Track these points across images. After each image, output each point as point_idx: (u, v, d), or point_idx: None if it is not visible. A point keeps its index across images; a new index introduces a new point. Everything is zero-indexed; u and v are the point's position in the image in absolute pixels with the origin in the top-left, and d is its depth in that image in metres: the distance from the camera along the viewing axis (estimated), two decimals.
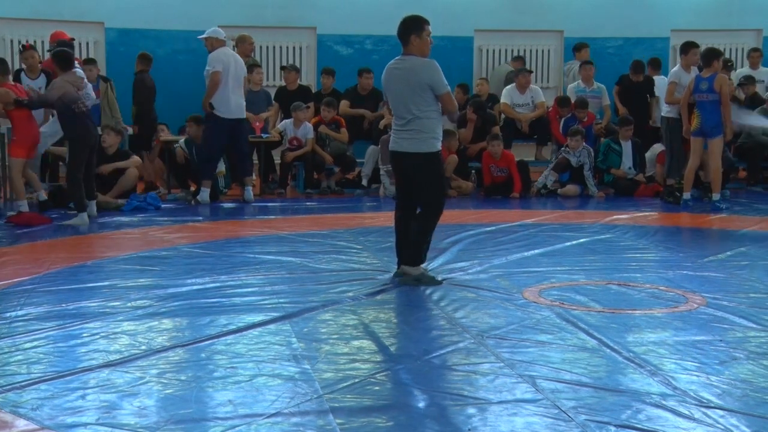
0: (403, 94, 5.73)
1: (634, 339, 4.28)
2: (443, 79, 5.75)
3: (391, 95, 5.89)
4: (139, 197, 9.56)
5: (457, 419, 3.20)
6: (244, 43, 11.21)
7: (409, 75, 5.72)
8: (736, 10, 14.63)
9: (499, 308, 4.96)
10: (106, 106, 10.61)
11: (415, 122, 5.70)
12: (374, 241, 7.35)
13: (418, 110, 5.68)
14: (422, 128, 5.71)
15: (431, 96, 5.70)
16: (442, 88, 5.72)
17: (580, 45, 12.91)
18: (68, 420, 3.18)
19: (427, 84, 5.68)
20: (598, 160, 11.05)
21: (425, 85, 5.68)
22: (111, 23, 13.35)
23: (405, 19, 5.92)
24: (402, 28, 5.87)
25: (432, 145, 5.74)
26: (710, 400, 3.38)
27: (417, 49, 5.80)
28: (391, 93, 5.88)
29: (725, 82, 9.28)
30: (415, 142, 5.71)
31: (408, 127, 5.72)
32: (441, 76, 5.73)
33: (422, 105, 5.69)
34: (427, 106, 5.71)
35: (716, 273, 6.01)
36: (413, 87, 5.69)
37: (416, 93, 5.68)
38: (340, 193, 11.21)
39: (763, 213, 9.24)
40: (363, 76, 12.17)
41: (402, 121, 5.76)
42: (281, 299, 5.13)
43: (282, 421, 3.18)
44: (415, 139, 5.71)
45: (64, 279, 5.70)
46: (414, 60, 5.77)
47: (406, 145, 5.74)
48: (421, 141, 5.71)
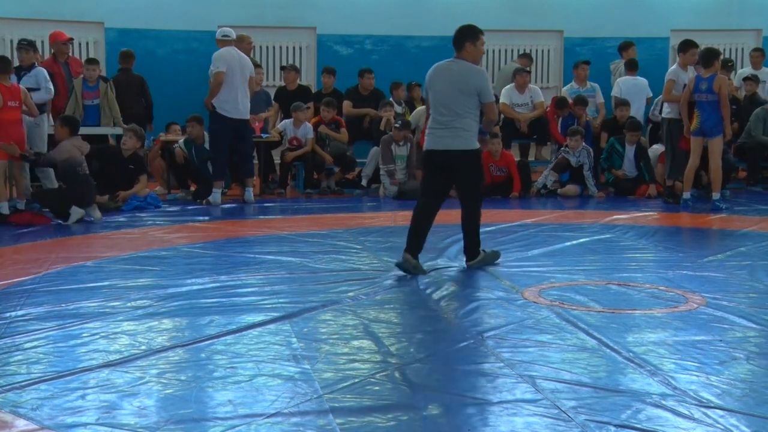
0: (448, 95, 6.05)
1: (634, 339, 4.28)
2: (491, 89, 6.22)
3: (434, 94, 6.15)
4: (139, 197, 9.55)
5: (457, 419, 3.20)
6: (243, 43, 11.19)
7: (459, 78, 6.05)
8: (736, 10, 14.64)
9: (499, 308, 4.96)
10: (106, 106, 10.62)
11: (458, 121, 6.02)
12: (374, 241, 7.35)
13: (461, 109, 6.02)
14: (465, 127, 6.05)
15: (476, 102, 6.05)
16: (489, 97, 6.12)
17: (627, 44, 12.70)
18: (68, 420, 3.18)
19: (476, 90, 6.02)
20: (602, 158, 11.06)
21: (474, 91, 6.02)
22: (111, 23, 13.36)
23: (462, 27, 6.30)
24: (458, 35, 6.22)
25: (474, 143, 6.11)
26: (710, 400, 3.38)
27: (470, 56, 6.17)
28: (435, 91, 6.15)
29: (724, 83, 9.28)
30: (459, 140, 6.04)
31: (451, 126, 6.03)
32: (490, 85, 6.20)
33: (466, 107, 6.03)
34: (470, 109, 6.05)
35: (716, 273, 6.00)
36: (462, 90, 6.02)
37: (463, 95, 6.02)
38: (340, 193, 11.21)
39: (763, 213, 9.24)
40: (364, 76, 12.18)
41: (444, 119, 6.06)
42: (281, 299, 5.13)
43: (282, 421, 3.18)
44: (459, 137, 6.03)
45: (64, 279, 5.70)
46: (466, 65, 6.12)
47: (449, 142, 6.05)
48: (465, 139, 6.05)
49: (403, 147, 10.91)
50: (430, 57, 13.93)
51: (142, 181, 9.67)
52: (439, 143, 6.10)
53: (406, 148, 10.93)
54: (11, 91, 8.53)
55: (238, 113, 9.86)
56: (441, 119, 6.07)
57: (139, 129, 9.92)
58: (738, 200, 10.25)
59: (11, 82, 8.68)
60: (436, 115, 6.12)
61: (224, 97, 9.79)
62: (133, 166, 9.69)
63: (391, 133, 10.95)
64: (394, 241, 7.36)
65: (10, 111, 8.45)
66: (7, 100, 8.40)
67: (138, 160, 9.82)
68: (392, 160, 10.84)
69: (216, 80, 9.80)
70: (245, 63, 10.05)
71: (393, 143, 10.86)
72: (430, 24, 14.02)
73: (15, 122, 8.53)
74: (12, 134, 8.45)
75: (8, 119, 8.43)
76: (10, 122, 8.46)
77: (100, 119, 10.60)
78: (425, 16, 14.06)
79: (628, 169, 10.98)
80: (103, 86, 10.63)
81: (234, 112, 9.83)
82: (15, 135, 8.49)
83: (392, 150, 10.86)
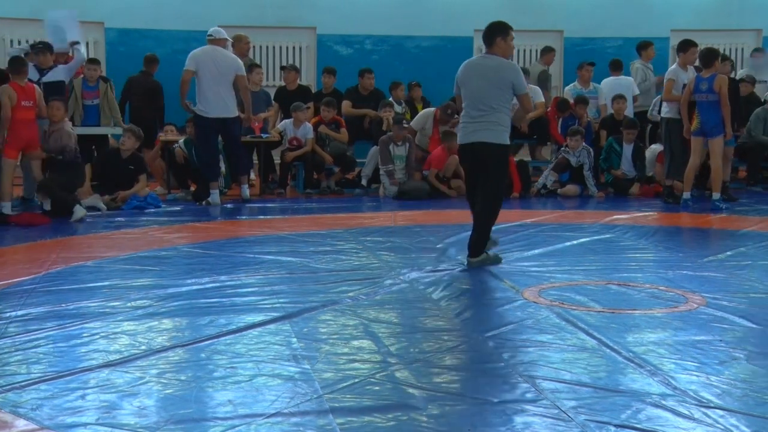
0: (482, 89, 6.26)
1: (634, 339, 4.28)
2: (524, 81, 6.43)
3: (468, 89, 6.35)
4: (139, 197, 9.55)
5: (457, 419, 3.20)
6: (240, 43, 11.16)
7: (492, 72, 6.27)
8: (736, 10, 14.64)
9: (499, 308, 4.96)
10: (106, 106, 10.62)
11: (492, 116, 6.23)
12: (374, 241, 7.35)
13: (495, 104, 6.22)
14: (499, 121, 6.25)
15: (510, 94, 6.29)
16: (523, 89, 6.37)
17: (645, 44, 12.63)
18: (68, 420, 3.18)
19: (511, 83, 6.24)
20: (601, 159, 11.07)
21: (508, 84, 6.24)
22: (111, 23, 13.37)
23: (492, 23, 6.55)
24: (489, 31, 6.48)
25: (506, 138, 6.31)
26: (710, 400, 3.38)
27: (501, 50, 6.39)
28: (468, 87, 6.35)
29: (725, 83, 9.28)
30: (493, 133, 6.23)
31: (486, 119, 6.23)
32: (523, 78, 6.39)
33: (500, 101, 6.24)
34: (504, 103, 6.26)
35: (716, 273, 6.00)
36: (496, 84, 6.24)
37: (498, 89, 6.24)
38: (340, 193, 11.21)
39: (763, 213, 9.24)
40: (364, 76, 12.18)
41: (478, 113, 6.25)
42: (281, 299, 5.13)
43: (282, 421, 3.18)
44: (492, 130, 6.23)
45: (64, 279, 5.70)
46: (498, 59, 6.34)
47: (483, 135, 6.22)
48: (498, 132, 6.25)
49: (401, 147, 10.91)
50: (430, 57, 14.15)
51: (141, 181, 9.67)
52: (471, 136, 6.27)
53: (405, 148, 10.93)
54: (25, 91, 8.55)
55: (216, 111, 9.73)
56: (475, 114, 6.25)
57: (137, 129, 9.91)
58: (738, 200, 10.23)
59: (26, 82, 8.67)
60: (471, 110, 6.29)
61: (199, 96, 9.76)
62: (132, 167, 9.69)
63: (390, 133, 10.95)
64: (394, 241, 7.37)
65: (24, 110, 8.46)
66: (21, 100, 8.41)
67: (138, 160, 9.82)
68: (391, 161, 10.84)
69: (182, 79, 9.76)
70: (225, 61, 9.84)
71: (392, 143, 10.86)
72: (430, 24, 14.03)
73: (29, 122, 8.55)
74: (26, 134, 8.48)
75: (22, 119, 8.45)
76: (24, 122, 8.48)
77: (100, 119, 10.60)
78: (425, 16, 14.07)
79: (626, 168, 10.99)
80: (103, 86, 10.63)
81: (211, 110, 9.72)
82: (29, 134, 8.52)
83: (391, 150, 10.86)
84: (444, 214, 9.35)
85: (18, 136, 8.40)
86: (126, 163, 9.66)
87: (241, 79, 9.94)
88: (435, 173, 10.83)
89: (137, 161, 9.79)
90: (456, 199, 10.59)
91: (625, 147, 10.96)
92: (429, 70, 13.75)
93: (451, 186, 10.95)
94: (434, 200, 10.42)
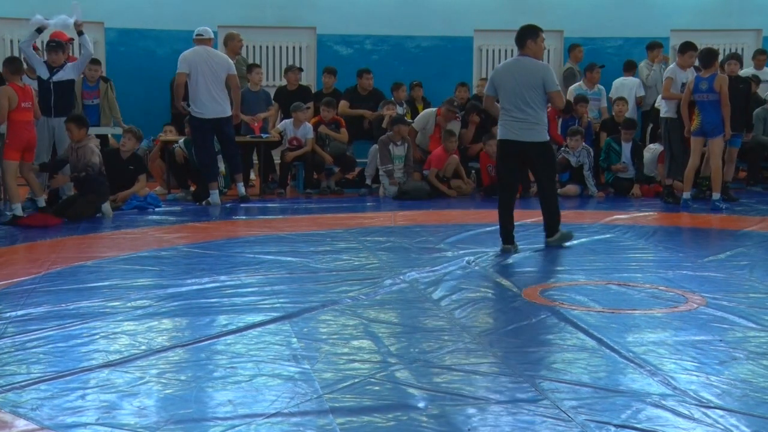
0: (519, 91, 6.78)
1: (634, 339, 4.28)
2: (555, 79, 6.94)
3: (505, 90, 6.85)
4: (138, 197, 9.55)
5: (457, 419, 3.20)
6: (233, 41, 11.14)
7: (527, 74, 6.78)
8: (736, 10, 14.63)
9: (499, 308, 4.96)
10: (106, 106, 10.64)
11: (531, 115, 6.78)
12: (374, 241, 7.35)
13: (533, 103, 6.76)
14: (537, 120, 6.81)
15: (544, 92, 6.79)
16: (554, 87, 6.86)
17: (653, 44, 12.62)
18: (68, 420, 3.18)
19: (542, 81, 6.75)
20: (600, 159, 11.08)
21: (540, 84, 6.76)
22: (111, 23, 13.35)
23: (523, 26, 7.01)
24: (520, 34, 6.94)
25: (545, 134, 6.92)
26: (710, 400, 3.38)
27: (532, 52, 6.88)
28: (505, 88, 6.84)
29: (725, 82, 9.29)
30: (533, 132, 6.80)
31: (525, 120, 6.78)
32: (554, 76, 6.93)
33: (536, 99, 6.78)
34: (539, 101, 6.80)
35: (716, 273, 6.01)
36: (530, 84, 6.76)
37: (532, 89, 6.76)
38: (340, 193, 11.21)
39: (763, 213, 9.24)
40: (363, 76, 12.18)
41: (521, 113, 6.78)
42: (281, 299, 5.13)
43: (282, 421, 3.18)
44: (533, 130, 6.80)
45: (64, 279, 5.70)
46: (530, 61, 6.85)
47: (526, 135, 6.80)
48: (538, 132, 6.83)
49: (400, 147, 10.91)
50: (430, 57, 14.14)
51: (141, 180, 9.67)
52: (513, 134, 6.83)
53: (404, 148, 10.93)
54: (24, 92, 8.52)
55: (210, 112, 9.73)
56: (515, 113, 6.79)
57: (137, 130, 9.91)
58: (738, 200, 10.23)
59: (24, 84, 8.65)
60: (512, 110, 6.80)
61: (193, 97, 9.74)
62: (132, 167, 9.69)
63: (389, 133, 10.95)
64: (394, 241, 7.37)
65: (23, 112, 8.41)
66: (21, 101, 8.38)
67: (137, 160, 9.82)
68: (390, 160, 10.84)
69: (177, 81, 9.73)
70: (217, 61, 9.85)
71: (391, 143, 10.86)
72: (430, 24, 14.02)
73: (28, 123, 8.51)
74: (26, 135, 8.43)
75: (22, 120, 8.40)
76: (24, 123, 8.43)
77: (100, 119, 10.60)
78: (425, 16, 14.06)
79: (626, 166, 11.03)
80: (103, 86, 10.64)
81: (207, 112, 9.72)
82: (29, 135, 8.48)
83: (390, 150, 10.86)
84: (444, 214, 9.35)
85: (19, 138, 8.36)
86: (126, 163, 9.66)
87: (233, 78, 9.95)
88: (435, 173, 10.83)
89: (137, 161, 9.79)
90: (456, 199, 10.60)
91: (624, 146, 10.98)
92: (429, 70, 13.75)
93: (451, 186, 10.95)
94: (434, 200, 10.42)
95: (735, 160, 10.63)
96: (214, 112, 9.76)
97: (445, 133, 10.94)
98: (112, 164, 9.67)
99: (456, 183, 11.01)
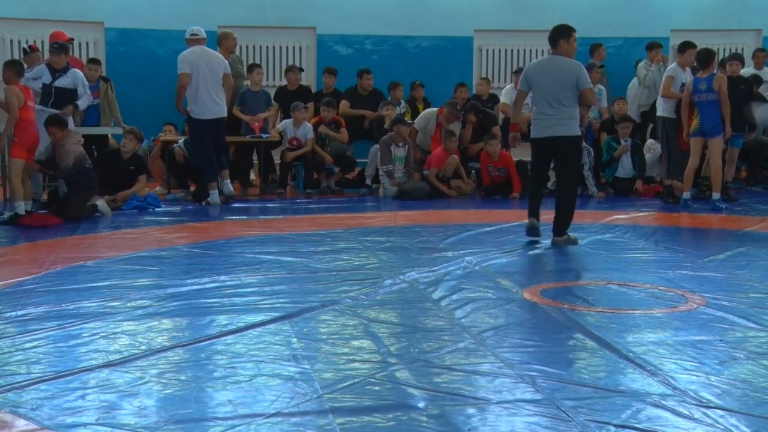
0: (553, 89, 7.08)
1: (634, 339, 4.28)
2: (588, 77, 7.21)
3: (538, 88, 7.17)
4: (138, 197, 9.55)
5: (457, 419, 3.20)
6: (227, 40, 11.14)
7: (560, 72, 7.09)
8: (736, 10, 14.64)
9: (499, 308, 4.96)
10: (106, 106, 10.63)
11: (564, 111, 7.07)
12: (374, 241, 7.35)
13: (566, 100, 7.05)
14: (570, 115, 7.11)
15: (576, 90, 7.08)
16: (587, 84, 7.14)
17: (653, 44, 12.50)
18: (68, 420, 3.18)
19: (575, 79, 7.06)
20: (603, 159, 11.10)
21: (574, 81, 7.06)
22: (111, 23, 13.35)
23: (556, 27, 7.33)
24: (553, 34, 7.26)
25: (577, 129, 7.23)
26: (710, 400, 3.38)
27: (564, 51, 7.18)
28: (538, 86, 7.17)
29: (724, 81, 9.29)
30: (565, 127, 7.09)
31: (559, 115, 7.07)
32: (587, 74, 7.21)
33: (569, 96, 7.07)
34: (572, 98, 7.09)
35: (716, 273, 6.00)
36: (563, 82, 7.06)
37: (565, 87, 7.06)
38: (340, 193, 11.21)
39: (763, 213, 9.24)
40: (363, 76, 12.18)
41: (552, 110, 7.08)
42: (281, 299, 5.13)
43: (282, 421, 3.17)
44: (565, 124, 7.09)
45: (64, 279, 5.70)
46: (564, 59, 7.16)
47: (559, 130, 7.08)
48: (570, 126, 7.12)
49: (401, 148, 10.91)
50: (430, 57, 14.14)
51: (141, 180, 9.67)
52: (546, 131, 7.11)
53: (405, 149, 10.94)
54: (28, 92, 8.57)
55: (210, 113, 9.75)
56: (549, 111, 7.09)
57: (138, 131, 9.91)
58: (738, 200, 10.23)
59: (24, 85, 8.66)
60: (544, 107, 7.11)
61: (192, 99, 9.72)
62: (133, 167, 9.69)
63: (390, 134, 10.95)
64: (394, 241, 7.37)
65: (30, 111, 8.48)
66: (27, 100, 8.43)
67: (138, 160, 9.82)
68: (391, 161, 10.84)
69: (180, 82, 9.71)
70: (215, 61, 9.88)
71: (392, 144, 10.87)
72: (430, 24, 14.02)
73: (33, 122, 8.55)
74: (33, 133, 8.48)
75: (29, 118, 8.45)
76: (30, 122, 8.48)
77: (100, 119, 10.60)
78: (425, 16, 14.06)
79: (625, 165, 11.02)
80: (104, 86, 10.64)
81: (206, 113, 9.72)
82: (35, 134, 8.52)
83: (391, 151, 10.86)
84: (444, 214, 9.35)
85: (27, 135, 8.40)
86: (126, 163, 9.66)
87: (228, 77, 10.00)
88: (435, 173, 10.83)
89: (138, 161, 9.79)
90: (456, 199, 10.60)
91: (623, 143, 10.99)
92: (429, 70, 13.75)
93: (451, 186, 10.96)
94: (434, 200, 10.42)
95: (736, 161, 10.63)
96: (214, 113, 9.76)
97: (445, 133, 10.95)
98: (113, 164, 9.68)
99: (456, 183, 11.01)
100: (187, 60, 9.72)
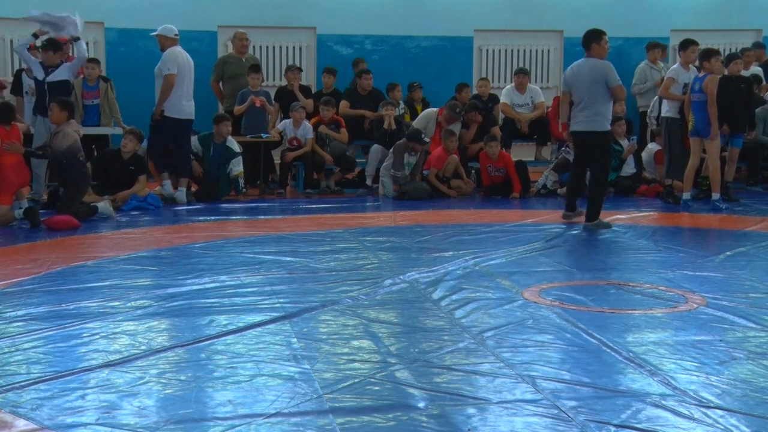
0: (587, 88, 7.87)
1: (634, 339, 4.28)
2: (616, 75, 7.88)
3: (576, 88, 7.99)
4: (138, 197, 9.55)
5: (457, 419, 3.20)
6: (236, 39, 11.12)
7: (593, 73, 7.87)
8: (736, 10, 14.64)
9: (499, 308, 4.96)
10: (106, 106, 10.62)
11: (596, 108, 7.85)
12: (374, 241, 7.35)
13: (597, 98, 7.82)
14: (601, 112, 7.89)
15: (606, 87, 7.83)
16: (615, 82, 7.86)
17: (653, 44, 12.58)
18: (68, 420, 3.18)
19: (604, 78, 7.81)
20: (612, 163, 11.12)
21: (602, 79, 7.82)
22: (111, 23, 13.35)
23: (588, 31, 8.07)
24: (585, 38, 8.02)
25: (607, 125, 8.00)
26: (710, 400, 3.38)
27: (596, 53, 7.95)
28: (576, 87, 7.99)
29: (712, 82, 9.25)
30: (596, 123, 7.89)
31: (591, 111, 7.86)
32: (615, 73, 7.88)
33: (600, 94, 7.85)
34: (602, 96, 7.86)
35: (716, 273, 6.00)
36: (595, 81, 7.83)
37: (597, 85, 7.84)
38: (340, 193, 11.21)
39: (763, 213, 9.24)
40: (362, 77, 12.17)
41: (584, 107, 7.89)
42: (281, 299, 5.13)
43: (282, 421, 3.18)
44: (596, 121, 7.89)
45: (64, 279, 5.70)
46: (595, 61, 7.93)
47: (589, 125, 7.90)
48: (600, 122, 7.92)
49: (413, 156, 10.84)
50: (430, 57, 14.14)
51: (141, 181, 9.67)
52: (579, 126, 7.97)
53: (416, 157, 10.87)
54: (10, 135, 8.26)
55: (181, 113, 9.79)
56: (582, 107, 7.90)
57: (138, 131, 9.90)
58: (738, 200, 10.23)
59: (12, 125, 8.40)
60: (580, 104, 7.92)
61: (178, 98, 9.75)
62: (133, 167, 9.69)
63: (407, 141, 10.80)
64: (394, 240, 7.37)
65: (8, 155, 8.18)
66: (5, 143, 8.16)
67: (138, 160, 9.82)
68: (402, 167, 10.77)
69: (168, 83, 9.69)
70: (191, 63, 9.99)
71: (407, 152, 10.77)
72: (430, 24, 14.02)
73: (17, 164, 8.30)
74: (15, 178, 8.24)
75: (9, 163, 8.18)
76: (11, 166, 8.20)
77: (100, 119, 10.60)
78: (425, 16, 14.06)
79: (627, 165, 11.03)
80: (103, 86, 10.63)
81: (177, 111, 9.76)
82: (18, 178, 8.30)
83: (404, 157, 10.78)
84: (444, 214, 9.35)
85: (9, 182, 8.16)
86: (127, 163, 9.66)
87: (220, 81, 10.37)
88: (435, 173, 10.83)
89: (138, 162, 9.79)
90: (456, 199, 10.60)
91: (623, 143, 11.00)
92: (429, 70, 13.75)
93: (451, 186, 10.95)
94: (434, 200, 10.42)
95: (736, 161, 10.62)
96: (185, 113, 9.88)
97: (445, 133, 10.94)
98: (113, 164, 9.68)
99: (456, 183, 11.01)
100: (174, 60, 9.74)
